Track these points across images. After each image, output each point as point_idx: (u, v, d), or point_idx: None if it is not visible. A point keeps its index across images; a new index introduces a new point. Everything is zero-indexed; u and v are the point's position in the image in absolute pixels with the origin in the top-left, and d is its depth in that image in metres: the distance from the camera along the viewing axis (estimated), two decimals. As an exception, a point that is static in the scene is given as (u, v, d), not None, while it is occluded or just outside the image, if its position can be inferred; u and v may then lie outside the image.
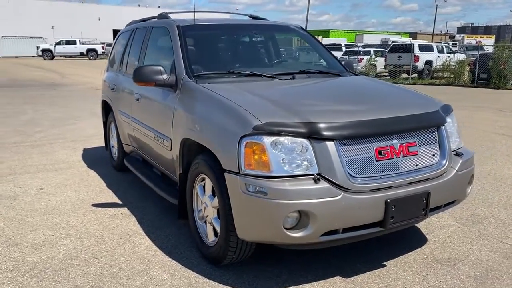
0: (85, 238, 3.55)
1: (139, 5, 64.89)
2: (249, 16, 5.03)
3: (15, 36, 50.30)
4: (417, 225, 3.79)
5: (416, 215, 2.80)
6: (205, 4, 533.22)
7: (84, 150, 6.73)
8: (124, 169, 5.27)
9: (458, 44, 42.19)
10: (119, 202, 4.44)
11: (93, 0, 64.43)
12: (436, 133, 3.00)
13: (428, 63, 22.16)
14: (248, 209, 2.60)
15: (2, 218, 3.97)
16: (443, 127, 3.03)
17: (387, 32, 75.76)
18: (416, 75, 21.92)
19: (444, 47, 24.19)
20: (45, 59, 40.18)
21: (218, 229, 2.94)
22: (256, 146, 2.57)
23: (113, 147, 5.63)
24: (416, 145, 2.85)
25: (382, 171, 2.70)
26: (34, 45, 44.79)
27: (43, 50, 40.93)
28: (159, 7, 71.40)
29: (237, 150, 2.61)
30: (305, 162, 2.57)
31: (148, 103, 4.08)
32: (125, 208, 4.23)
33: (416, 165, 2.83)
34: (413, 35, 76.28)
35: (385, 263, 3.12)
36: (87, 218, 3.98)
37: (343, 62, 4.37)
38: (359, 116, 2.75)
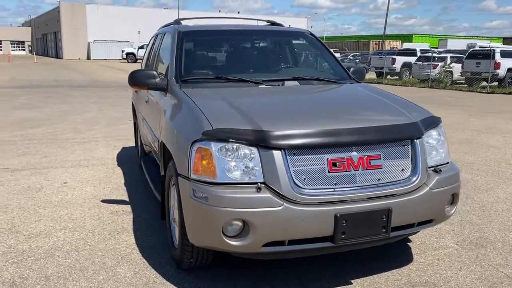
0: (78, 231, 3.78)
1: (219, 11, 67.03)
2: (267, 22, 5.03)
3: (105, 40, 54.46)
4: (409, 244, 3.55)
5: (374, 233, 2.62)
6: (287, 9, 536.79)
7: (123, 148, 7.12)
8: (146, 168, 5.50)
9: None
10: (127, 199, 4.65)
11: (176, 6, 67.60)
12: (409, 146, 2.79)
13: (511, 70, 20.44)
14: (194, 214, 2.61)
15: (18, 207, 4.34)
16: (417, 140, 2.81)
17: (477, 37, 71.05)
18: (496, 83, 20.32)
19: (531, 53, 22.13)
20: (128, 62, 43.02)
21: (182, 232, 2.98)
22: (204, 152, 2.58)
23: (140, 146, 5.91)
24: (380, 158, 2.68)
25: (335, 184, 2.57)
26: (121, 49, 48.03)
27: (127, 54, 43.92)
28: (238, 12, 73.19)
29: (188, 155, 2.63)
30: (251, 170, 2.53)
31: (151, 105, 4.25)
32: (128, 206, 4.43)
33: (379, 179, 2.66)
34: (508, 40, 70.63)
35: (352, 280, 2.96)
36: (90, 212, 4.23)
37: (351, 69, 4.22)
38: (315, 125, 2.64)
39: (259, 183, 2.50)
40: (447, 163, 3.02)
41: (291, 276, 3.02)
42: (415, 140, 2.80)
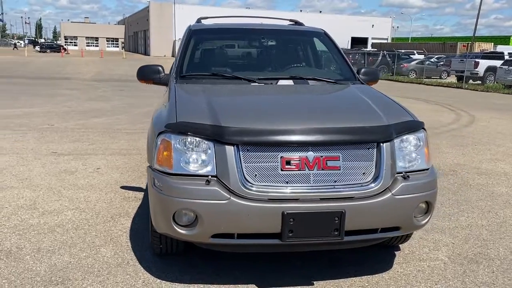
0: (85, 212, 4.10)
1: (300, 11, 67.00)
2: (290, 21, 5.05)
3: (188, 39, 56.94)
4: (396, 252, 3.41)
5: (325, 235, 2.58)
6: (374, 9, 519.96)
7: (164, 140, 7.49)
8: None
9: None
10: (143, 187, 4.93)
11: (263, 6, 68.60)
12: (375, 149, 2.70)
13: None
14: (154, 202, 2.76)
15: (47, 187, 4.80)
16: (384, 144, 2.70)
17: None
18: None
19: None
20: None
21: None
22: (166, 143, 2.71)
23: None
24: (338, 160, 2.63)
25: (287, 182, 2.57)
26: (202, 47, 49.91)
27: (206, 52, 45.51)
28: (320, 12, 72.65)
29: (154, 146, 2.78)
30: (205, 164, 2.62)
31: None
32: (142, 193, 4.70)
33: (335, 181, 2.61)
34: None
35: (315, 282, 2.93)
36: (105, 196, 4.56)
37: (362, 70, 4.12)
38: (272, 123, 2.66)
39: (210, 176, 2.59)
40: (426, 169, 2.87)
41: (255, 269, 3.06)
42: (382, 144, 2.70)
